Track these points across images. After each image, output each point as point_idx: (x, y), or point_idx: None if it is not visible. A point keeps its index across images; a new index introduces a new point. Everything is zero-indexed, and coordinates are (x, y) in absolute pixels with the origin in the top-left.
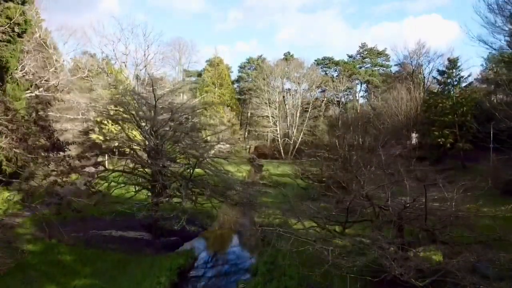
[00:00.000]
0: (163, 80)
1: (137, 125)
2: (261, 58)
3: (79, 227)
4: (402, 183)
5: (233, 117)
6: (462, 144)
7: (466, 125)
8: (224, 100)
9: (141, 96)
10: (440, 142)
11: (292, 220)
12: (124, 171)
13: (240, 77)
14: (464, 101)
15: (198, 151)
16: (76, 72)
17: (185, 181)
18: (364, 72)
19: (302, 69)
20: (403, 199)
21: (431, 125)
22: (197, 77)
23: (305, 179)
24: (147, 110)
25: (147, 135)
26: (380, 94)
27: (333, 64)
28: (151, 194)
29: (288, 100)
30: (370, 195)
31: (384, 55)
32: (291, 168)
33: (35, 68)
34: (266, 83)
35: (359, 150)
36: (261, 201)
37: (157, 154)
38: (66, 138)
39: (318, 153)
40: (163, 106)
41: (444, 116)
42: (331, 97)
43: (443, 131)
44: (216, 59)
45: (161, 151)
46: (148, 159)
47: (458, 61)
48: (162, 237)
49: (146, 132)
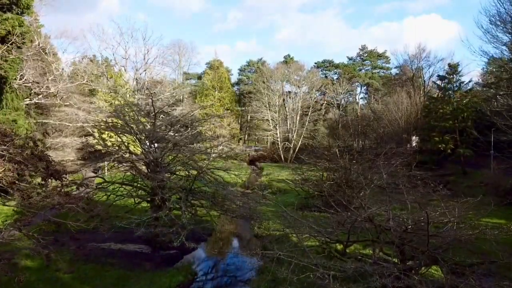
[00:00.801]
0: (163, 84)
1: (137, 138)
2: (261, 61)
3: (78, 240)
4: (404, 201)
5: (233, 120)
6: (463, 150)
7: (467, 131)
8: (224, 103)
9: (140, 109)
10: (440, 147)
11: (292, 233)
12: (124, 183)
13: (240, 80)
14: (465, 107)
15: (198, 164)
16: (75, 78)
17: (185, 194)
18: (364, 74)
19: (302, 72)
20: (404, 216)
21: (432, 131)
22: (197, 80)
23: (305, 189)
24: (146, 122)
25: (146, 148)
26: (380, 98)
27: (333, 67)
28: (150, 207)
29: (288, 103)
30: (372, 216)
31: (384, 57)
32: (291, 173)
33: (34, 76)
34: (266, 86)
35: (359, 162)
36: (261, 210)
37: (156, 167)
38: (63, 155)
39: (319, 162)
40: (163, 117)
41: (445, 121)
42: (331, 100)
43: (443, 136)
44: (216, 62)
45: (160, 164)
46: (147, 172)
47: (459, 66)
48: (161, 250)
49: (145, 145)
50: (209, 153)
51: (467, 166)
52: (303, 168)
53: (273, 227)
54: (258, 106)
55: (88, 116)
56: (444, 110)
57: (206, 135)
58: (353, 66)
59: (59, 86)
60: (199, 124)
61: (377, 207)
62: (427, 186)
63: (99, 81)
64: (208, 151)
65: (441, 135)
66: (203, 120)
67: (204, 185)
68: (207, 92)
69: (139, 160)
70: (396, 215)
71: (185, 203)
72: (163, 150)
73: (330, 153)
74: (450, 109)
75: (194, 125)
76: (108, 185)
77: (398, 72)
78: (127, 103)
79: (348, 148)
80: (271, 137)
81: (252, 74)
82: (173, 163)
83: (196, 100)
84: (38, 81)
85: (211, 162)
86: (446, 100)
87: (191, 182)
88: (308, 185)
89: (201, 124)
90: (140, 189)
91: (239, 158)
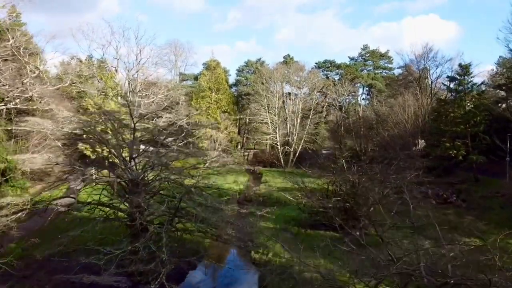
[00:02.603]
0: (157, 85)
1: (113, 153)
2: (260, 61)
3: (46, 272)
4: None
5: (230, 124)
6: (476, 156)
7: (480, 135)
8: (221, 105)
9: (117, 118)
10: (451, 154)
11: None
12: (100, 203)
13: (238, 81)
14: (477, 110)
15: (185, 184)
16: (62, 80)
17: (169, 219)
18: (366, 75)
19: (303, 73)
20: (436, 255)
21: (441, 135)
22: (194, 81)
23: (308, 204)
24: (124, 132)
25: (124, 164)
26: (384, 99)
27: (335, 68)
28: (127, 235)
29: (288, 105)
30: (398, 257)
31: (387, 57)
32: (292, 180)
33: (9, 78)
34: (265, 88)
35: (368, 175)
36: (259, 228)
37: (136, 186)
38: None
39: (323, 175)
40: (146, 127)
41: (456, 126)
42: (332, 102)
43: (454, 142)
44: (212, 63)
45: (140, 183)
46: (125, 193)
47: (471, 67)
48: (142, 285)
49: (123, 160)
50: (199, 168)
51: (479, 173)
52: (306, 180)
53: (274, 248)
54: (257, 109)
55: (55, 127)
56: (455, 113)
57: (197, 148)
58: (355, 66)
59: (36, 90)
60: (189, 136)
61: (405, 253)
62: (439, 196)
63: (88, 83)
64: (200, 165)
65: (452, 140)
66: (193, 130)
67: (192, 207)
68: (203, 94)
69: (115, 179)
70: (425, 252)
71: (167, 231)
72: (144, 167)
73: (336, 165)
74: (462, 113)
75: (184, 135)
76: (82, 206)
77: (402, 72)
78: (103, 112)
79: (355, 158)
80: (270, 141)
81: (251, 75)
82: (155, 182)
83: (192, 102)
84: (11, 84)
85: (202, 177)
86: (457, 103)
87: (176, 204)
88: (311, 199)
89: (190, 137)
90: (120, 211)
91: (237, 162)
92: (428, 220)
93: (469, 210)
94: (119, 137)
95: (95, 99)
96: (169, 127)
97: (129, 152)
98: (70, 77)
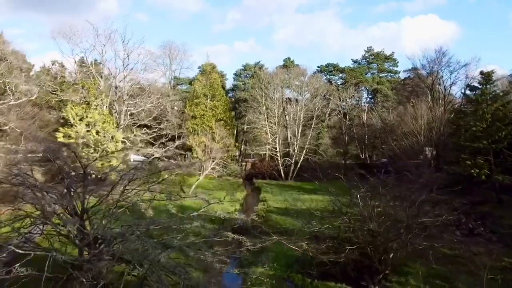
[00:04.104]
0: (146, 92)
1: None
2: (258, 64)
3: None
4: None
5: (227, 135)
6: (502, 177)
7: (504, 152)
8: (217, 113)
9: (65, 160)
10: (473, 173)
11: None
12: None
13: (236, 86)
14: (502, 124)
15: (149, 258)
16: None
17: None
18: (371, 79)
19: (304, 78)
20: None
21: (461, 152)
22: (189, 85)
23: (314, 251)
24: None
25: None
26: (391, 106)
27: (338, 72)
28: None
29: (289, 113)
30: None
31: (392, 59)
32: (294, 198)
33: None
34: (264, 94)
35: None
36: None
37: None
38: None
39: (335, 221)
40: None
41: (478, 141)
42: (336, 108)
43: (476, 159)
44: (208, 67)
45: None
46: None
47: (493, 74)
48: None
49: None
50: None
51: (502, 192)
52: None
53: None
54: (256, 117)
55: None
56: (477, 127)
57: (189, 164)
58: (359, 70)
59: None
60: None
61: None
62: (460, 223)
63: (69, 91)
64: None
65: (473, 157)
66: (171, 169)
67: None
68: (197, 100)
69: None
70: None
71: None
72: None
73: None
74: (484, 126)
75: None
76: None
77: (409, 76)
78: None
79: (362, 168)
80: (269, 152)
81: (249, 79)
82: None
83: (185, 109)
84: None
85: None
86: (478, 115)
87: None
88: (318, 244)
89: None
90: None
91: (234, 174)
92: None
93: (501, 243)
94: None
95: (76, 109)
96: (140, 164)
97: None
98: (37, 89)
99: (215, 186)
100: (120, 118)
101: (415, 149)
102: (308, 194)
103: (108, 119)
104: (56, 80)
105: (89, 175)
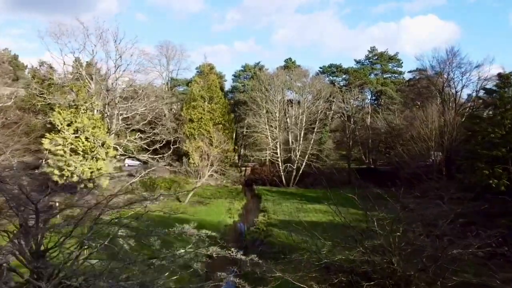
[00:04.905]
0: (140, 95)
1: None
2: (258, 65)
3: None
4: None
5: (225, 140)
6: None
7: None
8: (215, 116)
9: (16, 195)
10: (491, 183)
11: None
12: None
13: (235, 87)
14: None
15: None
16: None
17: None
18: (375, 80)
19: (306, 79)
20: None
21: (478, 160)
22: (186, 87)
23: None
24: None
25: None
26: (397, 108)
27: (341, 73)
28: None
29: (291, 116)
30: None
31: (396, 60)
32: (296, 208)
33: None
34: (265, 96)
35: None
36: None
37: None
38: None
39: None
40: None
41: (495, 149)
42: (339, 110)
43: (494, 168)
44: (206, 67)
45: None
46: None
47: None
48: None
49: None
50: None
51: None
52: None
53: None
54: (256, 120)
55: None
56: (496, 133)
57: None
58: (363, 71)
59: None
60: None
61: None
62: (480, 238)
63: (58, 93)
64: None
65: (491, 166)
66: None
67: None
68: (194, 103)
69: None
70: None
71: None
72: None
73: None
74: (502, 133)
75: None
76: None
77: (414, 77)
78: None
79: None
80: (270, 157)
81: (249, 81)
82: None
83: (182, 112)
84: None
85: None
86: (497, 121)
87: None
88: (330, 276)
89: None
90: None
91: (233, 180)
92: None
93: None
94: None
95: (64, 114)
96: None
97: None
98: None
99: (213, 194)
100: (112, 123)
101: (424, 155)
102: (311, 203)
103: (99, 124)
104: (44, 82)
105: (42, 212)
